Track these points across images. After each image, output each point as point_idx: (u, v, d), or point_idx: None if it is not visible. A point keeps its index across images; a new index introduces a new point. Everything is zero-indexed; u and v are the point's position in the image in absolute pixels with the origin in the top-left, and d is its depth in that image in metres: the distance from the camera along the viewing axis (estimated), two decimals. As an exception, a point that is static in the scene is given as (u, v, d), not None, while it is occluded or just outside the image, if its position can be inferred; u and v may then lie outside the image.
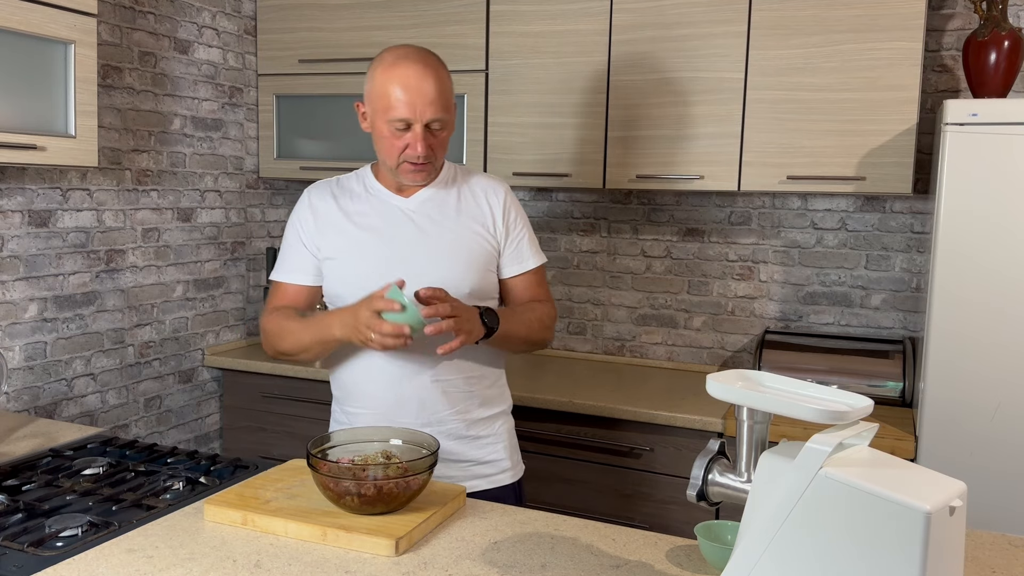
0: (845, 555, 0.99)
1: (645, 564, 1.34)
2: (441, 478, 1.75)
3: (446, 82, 1.72)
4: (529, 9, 2.77)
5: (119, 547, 1.35)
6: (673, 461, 2.46)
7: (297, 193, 3.48)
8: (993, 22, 2.33)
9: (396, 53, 1.72)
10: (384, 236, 1.78)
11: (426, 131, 1.69)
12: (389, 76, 1.69)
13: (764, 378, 1.19)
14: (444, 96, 1.70)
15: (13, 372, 2.40)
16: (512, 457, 1.90)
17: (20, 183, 2.38)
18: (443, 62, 1.76)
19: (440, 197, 1.82)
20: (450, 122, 1.74)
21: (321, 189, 1.87)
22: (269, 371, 2.96)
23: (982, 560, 1.38)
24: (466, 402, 1.81)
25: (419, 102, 1.67)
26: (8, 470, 1.70)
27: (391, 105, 1.68)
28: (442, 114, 1.70)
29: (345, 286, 1.78)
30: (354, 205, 1.82)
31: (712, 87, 2.59)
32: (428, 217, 1.80)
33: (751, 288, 2.96)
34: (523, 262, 1.87)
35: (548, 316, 1.88)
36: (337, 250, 1.80)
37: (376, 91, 1.71)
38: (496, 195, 1.85)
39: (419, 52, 1.73)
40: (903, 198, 2.78)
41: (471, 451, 1.82)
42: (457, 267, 1.77)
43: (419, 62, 1.69)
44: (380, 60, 1.73)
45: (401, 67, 1.69)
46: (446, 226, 1.79)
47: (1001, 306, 2.10)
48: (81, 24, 2.08)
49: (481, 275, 1.80)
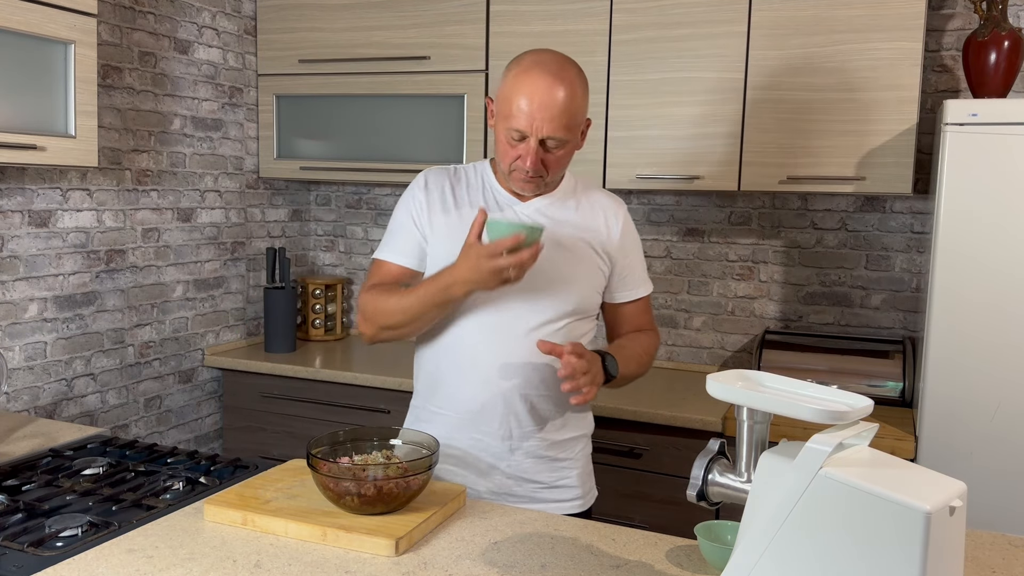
0: (845, 555, 0.99)
1: (645, 564, 1.34)
2: (502, 496, 1.73)
3: (576, 99, 1.61)
4: (529, 9, 2.77)
5: (119, 547, 1.35)
6: (673, 461, 2.46)
7: (297, 193, 3.49)
8: (993, 22, 2.33)
9: (532, 59, 1.63)
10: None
11: (541, 146, 1.61)
12: (518, 82, 1.60)
13: (764, 378, 1.19)
14: (568, 114, 1.60)
15: (13, 372, 2.40)
16: (585, 484, 1.82)
17: (20, 183, 2.38)
18: (581, 75, 1.65)
19: (557, 207, 1.75)
20: (571, 141, 1.64)
21: (438, 173, 1.79)
22: (269, 371, 2.96)
23: (982, 560, 1.38)
24: (552, 422, 1.75)
25: (538, 117, 1.58)
26: (8, 470, 1.70)
27: (511, 113, 1.60)
28: (562, 134, 1.60)
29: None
30: (469, 196, 1.76)
31: (712, 87, 2.59)
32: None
33: (751, 288, 2.96)
34: (634, 289, 1.81)
35: (654, 348, 1.83)
36: (445, 238, 1.72)
37: (503, 94, 1.63)
38: (615, 215, 1.78)
39: (556, 63, 1.62)
40: (903, 198, 2.78)
41: (544, 474, 1.75)
42: (564, 282, 1.71)
43: (551, 75, 1.59)
44: (517, 62, 1.65)
45: (531, 76, 1.59)
46: (559, 238, 1.72)
47: (1001, 306, 2.10)
48: (81, 24, 2.08)
49: (587, 293, 1.75)
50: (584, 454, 1.83)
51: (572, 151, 1.68)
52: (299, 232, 3.52)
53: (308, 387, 2.91)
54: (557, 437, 1.76)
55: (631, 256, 1.80)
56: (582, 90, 1.63)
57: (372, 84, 3.00)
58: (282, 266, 3.14)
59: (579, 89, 1.62)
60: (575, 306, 1.72)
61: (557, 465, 1.76)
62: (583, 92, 1.64)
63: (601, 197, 1.81)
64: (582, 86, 1.64)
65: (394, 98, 2.99)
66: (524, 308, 1.69)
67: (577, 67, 1.65)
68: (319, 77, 3.08)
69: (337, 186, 3.53)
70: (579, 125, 1.66)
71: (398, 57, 2.94)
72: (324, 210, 3.58)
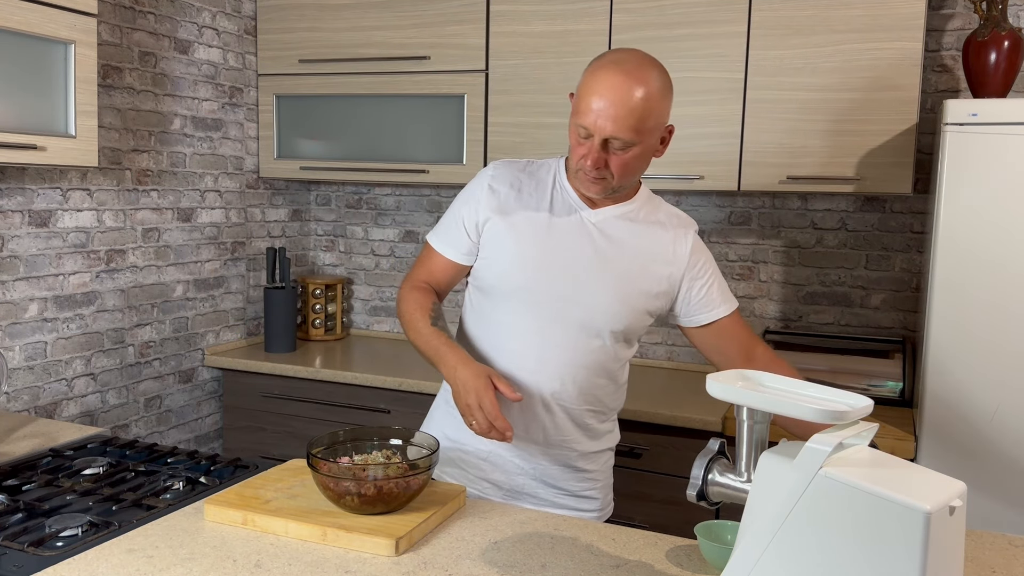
0: (845, 555, 0.99)
1: (645, 564, 1.34)
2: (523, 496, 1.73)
3: (649, 101, 1.53)
4: (529, 9, 2.77)
5: (119, 547, 1.35)
6: (673, 461, 2.46)
7: (297, 193, 3.49)
8: (993, 22, 2.33)
9: (612, 56, 1.57)
10: (553, 241, 1.66)
11: (605, 146, 1.55)
12: (591, 78, 1.55)
13: (764, 378, 1.19)
14: (636, 116, 1.51)
15: (13, 372, 2.40)
16: (605, 497, 1.83)
17: (20, 183, 2.38)
18: (662, 78, 1.57)
19: (626, 219, 1.68)
20: (640, 144, 1.56)
21: (507, 169, 1.74)
22: (269, 371, 2.96)
23: (982, 560, 1.38)
24: (581, 432, 1.73)
25: (603, 115, 1.51)
26: (8, 470, 1.70)
27: (580, 109, 1.55)
28: (627, 135, 1.53)
29: (496, 272, 1.70)
30: (536, 197, 1.70)
31: (712, 87, 2.59)
32: (607, 237, 1.67)
33: (751, 288, 2.96)
34: (715, 308, 1.72)
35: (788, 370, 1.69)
36: (499, 237, 1.69)
37: (579, 89, 1.58)
38: (685, 236, 1.70)
39: (634, 62, 1.55)
40: (903, 198, 2.78)
41: (570, 482, 1.75)
42: (616, 300, 1.65)
43: (623, 73, 1.52)
44: (598, 58, 1.59)
45: (603, 73, 1.53)
46: (623, 252, 1.66)
47: (1001, 306, 2.10)
48: (81, 24, 2.08)
49: (638, 316, 1.68)
50: (608, 466, 1.83)
51: (645, 156, 1.60)
52: (299, 232, 3.52)
53: (308, 387, 2.91)
54: (588, 448, 1.75)
55: (704, 277, 1.71)
56: (659, 92, 1.55)
57: (372, 84, 3.00)
58: (282, 266, 3.14)
59: (654, 91, 1.54)
60: (623, 327, 1.67)
61: (583, 475, 1.76)
62: (660, 95, 1.55)
63: (671, 215, 1.73)
64: (660, 88, 1.55)
65: (394, 98, 2.99)
66: (570, 321, 1.66)
67: (659, 69, 1.57)
68: (319, 77, 3.08)
69: (337, 186, 3.53)
70: (653, 129, 1.56)
71: (398, 57, 2.94)
72: (324, 210, 3.58)
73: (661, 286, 1.68)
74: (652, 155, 1.62)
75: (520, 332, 1.68)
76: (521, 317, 1.68)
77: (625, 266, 1.66)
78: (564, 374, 1.67)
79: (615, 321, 1.66)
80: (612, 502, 1.87)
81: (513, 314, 1.69)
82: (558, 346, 1.67)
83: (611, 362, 1.72)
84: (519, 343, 1.69)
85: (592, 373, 1.69)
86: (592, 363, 1.69)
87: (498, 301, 1.71)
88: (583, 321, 1.66)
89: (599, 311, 1.65)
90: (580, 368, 1.68)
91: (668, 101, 1.59)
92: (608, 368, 1.72)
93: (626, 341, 1.72)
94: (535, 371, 1.68)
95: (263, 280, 3.29)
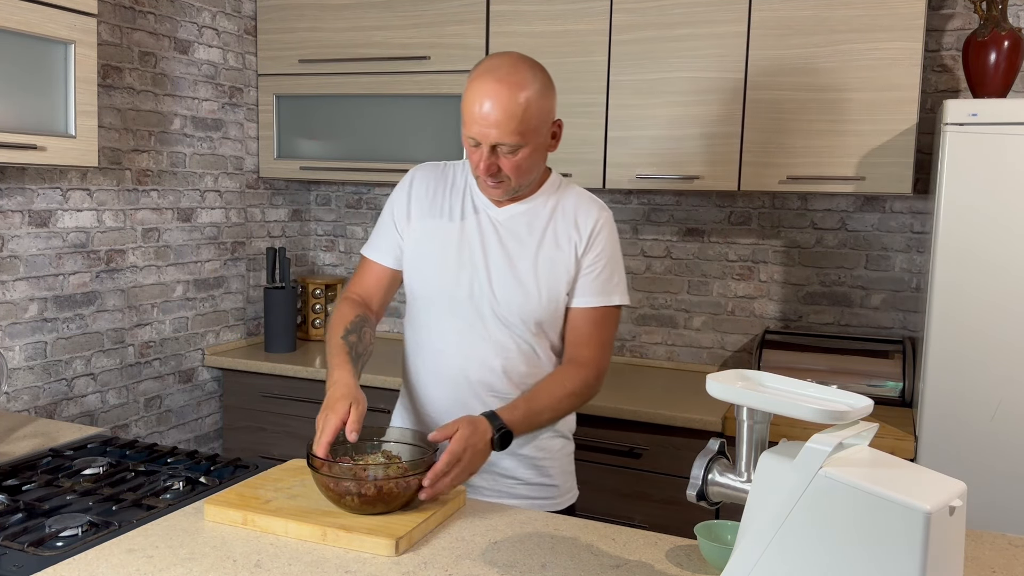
0: (845, 555, 0.99)
1: (645, 564, 1.34)
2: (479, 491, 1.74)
3: (529, 103, 1.56)
4: (529, 9, 2.77)
5: (119, 547, 1.35)
6: (673, 461, 2.46)
7: (297, 193, 3.49)
8: (993, 22, 2.33)
9: (486, 64, 1.61)
10: (465, 242, 1.72)
11: (495, 152, 1.59)
12: (470, 89, 1.59)
13: (764, 378, 1.19)
14: (518, 119, 1.55)
15: (13, 372, 2.40)
16: (565, 483, 1.83)
17: (20, 183, 2.38)
18: (539, 77, 1.60)
19: (531, 214, 1.73)
20: (528, 145, 1.60)
21: (425, 173, 1.80)
22: (269, 371, 2.96)
23: (982, 560, 1.38)
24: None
25: (485, 123, 1.56)
26: (8, 470, 1.70)
27: (465, 120, 1.60)
28: (512, 139, 1.57)
29: (418, 278, 1.77)
30: (450, 200, 1.76)
31: (712, 87, 2.59)
32: (513, 234, 1.72)
33: (751, 288, 2.96)
34: (587, 296, 1.72)
35: (581, 387, 1.71)
36: (419, 241, 1.76)
37: (462, 100, 1.62)
38: (587, 219, 1.72)
39: (508, 67, 1.58)
40: (903, 198, 2.78)
41: (522, 471, 1.76)
42: (530, 294, 1.69)
43: (497, 80, 1.56)
44: (477, 65, 1.63)
45: (480, 82, 1.57)
46: (530, 247, 1.71)
47: (1001, 306, 2.10)
48: (81, 24, 2.08)
49: (555, 306, 1.71)
50: (564, 453, 1.84)
51: (537, 154, 1.64)
52: (299, 232, 3.52)
53: (308, 387, 2.91)
54: (535, 436, 1.76)
55: (596, 263, 1.72)
56: (538, 93, 1.58)
57: (372, 84, 3.00)
58: (282, 266, 3.14)
59: (532, 92, 1.57)
60: (538, 318, 1.71)
61: (536, 463, 1.77)
62: (539, 94, 1.59)
63: (578, 201, 1.75)
64: (538, 88, 1.59)
65: (394, 98, 2.99)
66: (489, 319, 1.71)
67: (534, 69, 1.61)
68: (319, 77, 3.07)
69: (337, 186, 3.53)
70: (538, 128, 1.60)
71: (398, 57, 2.94)
72: (324, 210, 3.58)
73: (569, 271, 1.72)
74: (545, 151, 1.68)
75: (444, 333, 1.75)
76: (443, 319, 1.75)
77: (532, 261, 1.70)
78: (494, 370, 1.72)
79: (532, 314, 1.70)
80: (576, 489, 1.88)
81: (436, 316, 1.76)
82: (483, 344, 1.72)
83: (541, 352, 1.75)
84: (444, 343, 1.75)
85: (522, 365, 1.73)
86: (520, 357, 1.73)
87: (422, 304, 1.78)
88: (503, 317, 1.71)
89: (515, 307, 1.70)
90: (508, 362, 1.72)
91: (550, 98, 1.63)
92: (538, 358, 1.75)
93: (550, 330, 1.75)
94: (463, 368, 1.73)
95: (263, 280, 3.29)
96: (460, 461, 1.49)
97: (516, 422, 1.60)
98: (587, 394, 1.73)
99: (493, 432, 1.56)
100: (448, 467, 1.47)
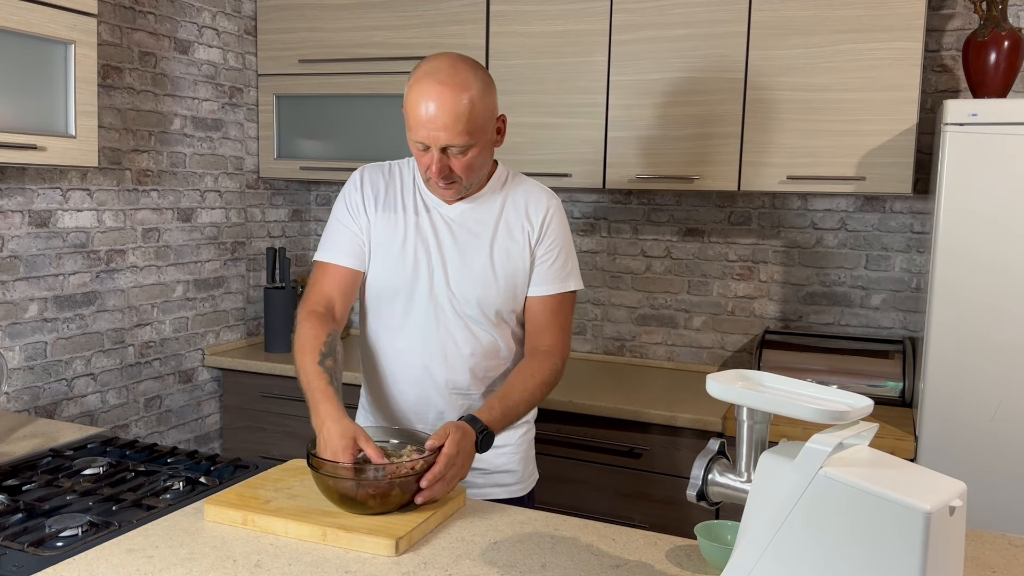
0: (845, 555, 0.99)
1: (645, 564, 1.34)
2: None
3: (473, 103, 1.57)
4: (529, 9, 2.77)
5: (119, 547, 1.35)
6: (673, 461, 2.46)
7: (297, 193, 3.48)
8: (993, 22, 2.33)
9: (426, 67, 1.60)
10: (422, 240, 1.73)
11: (444, 154, 1.60)
12: (413, 92, 1.59)
13: (764, 378, 1.19)
14: (465, 120, 1.56)
15: (13, 372, 2.40)
16: (525, 469, 1.86)
17: (20, 183, 2.38)
18: (479, 76, 1.61)
19: (482, 209, 1.74)
20: (477, 143, 1.61)
21: (373, 172, 1.79)
22: (269, 371, 2.96)
23: (982, 560, 1.38)
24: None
25: (432, 127, 1.56)
26: (8, 470, 1.70)
27: (411, 125, 1.60)
28: (462, 140, 1.58)
29: (375, 278, 1.76)
30: (401, 198, 1.76)
31: (712, 87, 2.59)
32: (467, 229, 1.73)
33: (751, 288, 2.96)
34: (544, 284, 1.75)
35: (550, 375, 1.73)
36: (380, 239, 1.75)
37: (406, 103, 1.61)
38: (538, 208, 1.75)
39: (448, 68, 1.58)
40: (903, 198, 2.78)
41: (483, 460, 1.75)
42: (488, 286, 1.72)
43: (440, 83, 1.56)
44: (416, 69, 1.62)
45: (422, 86, 1.57)
46: (484, 240, 1.72)
47: (1001, 306, 2.10)
48: (81, 24, 2.08)
49: (513, 295, 1.74)
50: (526, 439, 1.87)
51: (485, 151, 1.65)
52: (299, 232, 3.52)
53: (308, 387, 2.91)
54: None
55: (550, 251, 1.75)
56: (480, 92, 1.58)
57: (372, 84, 3.00)
58: (282, 266, 3.14)
59: (476, 92, 1.57)
60: (496, 309, 1.73)
61: (497, 452, 1.78)
62: (481, 93, 1.59)
63: (528, 191, 1.77)
64: (480, 88, 1.59)
65: (394, 98, 2.98)
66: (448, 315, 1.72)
67: (474, 68, 1.61)
68: (319, 77, 3.07)
69: (337, 186, 3.53)
70: (484, 126, 1.61)
71: (398, 57, 2.94)
72: (324, 210, 3.57)
73: (523, 260, 1.74)
74: (492, 147, 1.69)
75: (405, 331, 1.76)
76: (403, 318, 1.75)
77: (488, 253, 1.72)
78: (455, 365, 1.74)
79: (491, 305, 1.72)
80: (536, 474, 1.91)
81: (395, 315, 1.76)
82: (442, 340, 1.73)
83: (502, 343, 1.77)
84: (405, 342, 1.76)
85: (482, 358, 1.75)
86: (479, 350, 1.74)
87: (381, 304, 1.78)
88: (462, 312, 1.72)
89: (474, 300, 1.71)
90: (468, 357, 1.74)
91: (492, 96, 1.64)
92: (500, 350, 1.77)
93: (510, 319, 1.77)
94: (425, 366, 1.75)
95: (263, 280, 3.29)
96: (455, 464, 1.49)
97: (495, 422, 1.61)
98: (555, 380, 1.76)
99: (476, 435, 1.56)
100: (446, 470, 1.47)
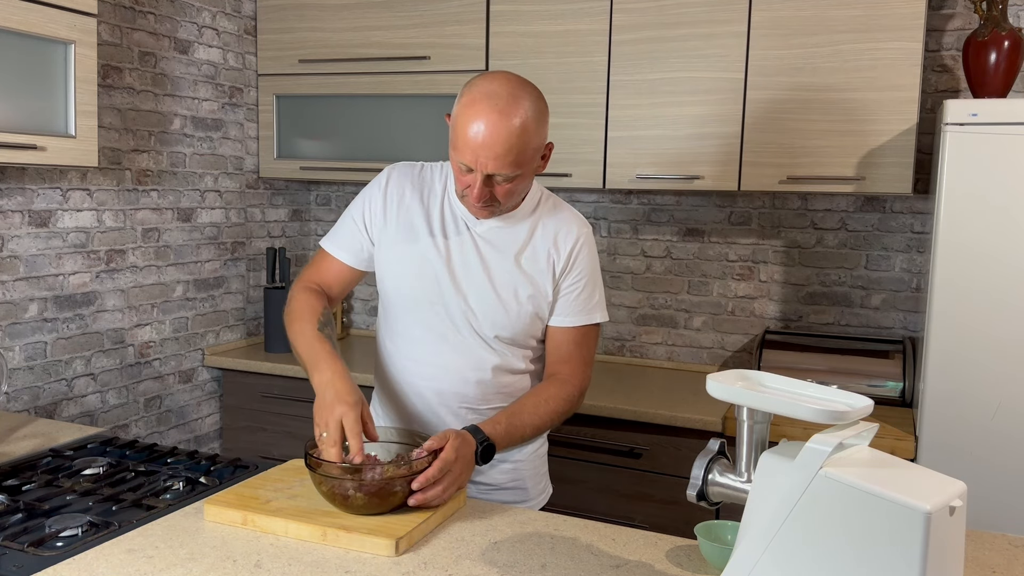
0: (845, 555, 0.99)
1: (645, 564, 1.34)
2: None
3: (527, 134, 1.51)
4: (529, 9, 2.77)
5: (119, 547, 1.35)
6: (673, 461, 2.46)
7: (297, 193, 3.49)
8: (993, 22, 2.33)
9: (482, 89, 1.52)
10: (443, 253, 1.68)
11: (489, 181, 1.54)
12: (465, 113, 1.51)
13: (764, 378, 1.19)
14: (516, 151, 1.51)
15: (13, 372, 2.40)
16: (538, 485, 1.82)
17: (20, 183, 2.38)
18: (537, 104, 1.54)
19: (512, 228, 1.68)
20: (521, 176, 1.56)
21: (402, 173, 1.74)
22: (269, 371, 2.96)
23: (982, 560, 1.38)
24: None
25: (482, 154, 1.50)
26: (8, 470, 1.69)
27: (458, 145, 1.53)
28: (509, 170, 1.52)
29: (393, 286, 1.72)
30: (428, 206, 1.70)
31: (712, 87, 2.59)
32: (493, 247, 1.68)
33: (751, 288, 2.96)
34: (568, 316, 1.70)
35: (565, 404, 1.68)
36: (395, 243, 1.70)
37: (454, 120, 1.55)
38: (567, 237, 1.69)
39: (507, 94, 1.51)
40: (903, 198, 2.78)
41: (495, 475, 1.74)
42: (508, 309, 1.67)
43: (498, 111, 1.49)
44: (468, 87, 1.55)
45: (478, 109, 1.50)
46: (508, 260, 1.67)
47: (1001, 306, 2.10)
48: (81, 24, 2.08)
49: (529, 321, 1.68)
50: (538, 455, 1.83)
51: (528, 178, 1.60)
52: (299, 232, 3.52)
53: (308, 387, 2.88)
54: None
55: (577, 282, 1.70)
56: (535, 122, 1.53)
57: (372, 84, 3.00)
58: (282, 266, 3.14)
59: (531, 122, 1.52)
60: (512, 333, 1.69)
61: (508, 467, 1.76)
62: (536, 124, 1.54)
63: (560, 217, 1.71)
64: (536, 117, 1.53)
65: (394, 98, 2.99)
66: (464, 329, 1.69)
67: (532, 95, 1.55)
68: (319, 77, 3.07)
69: (337, 186, 3.53)
70: (532, 157, 1.56)
71: (398, 57, 2.94)
72: (324, 210, 3.58)
73: (544, 287, 1.68)
74: (535, 173, 1.63)
75: (419, 341, 1.72)
76: (419, 327, 1.71)
77: (511, 275, 1.67)
78: (467, 380, 1.70)
79: (507, 328, 1.68)
80: (549, 488, 1.88)
81: (411, 324, 1.72)
82: (456, 353, 1.70)
83: (515, 363, 1.73)
84: (420, 351, 1.72)
85: (496, 375, 1.71)
86: (493, 367, 1.70)
87: (398, 311, 1.74)
88: (476, 329, 1.68)
89: (490, 321, 1.67)
90: (482, 372, 1.70)
91: (544, 125, 1.58)
92: (514, 368, 1.73)
93: (525, 343, 1.72)
94: (436, 378, 1.71)
95: (263, 280, 3.29)
96: (451, 471, 1.47)
97: (499, 436, 1.58)
98: (569, 410, 1.71)
99: (476, 445, 1.54)
100: (440, 473, 1.45)
